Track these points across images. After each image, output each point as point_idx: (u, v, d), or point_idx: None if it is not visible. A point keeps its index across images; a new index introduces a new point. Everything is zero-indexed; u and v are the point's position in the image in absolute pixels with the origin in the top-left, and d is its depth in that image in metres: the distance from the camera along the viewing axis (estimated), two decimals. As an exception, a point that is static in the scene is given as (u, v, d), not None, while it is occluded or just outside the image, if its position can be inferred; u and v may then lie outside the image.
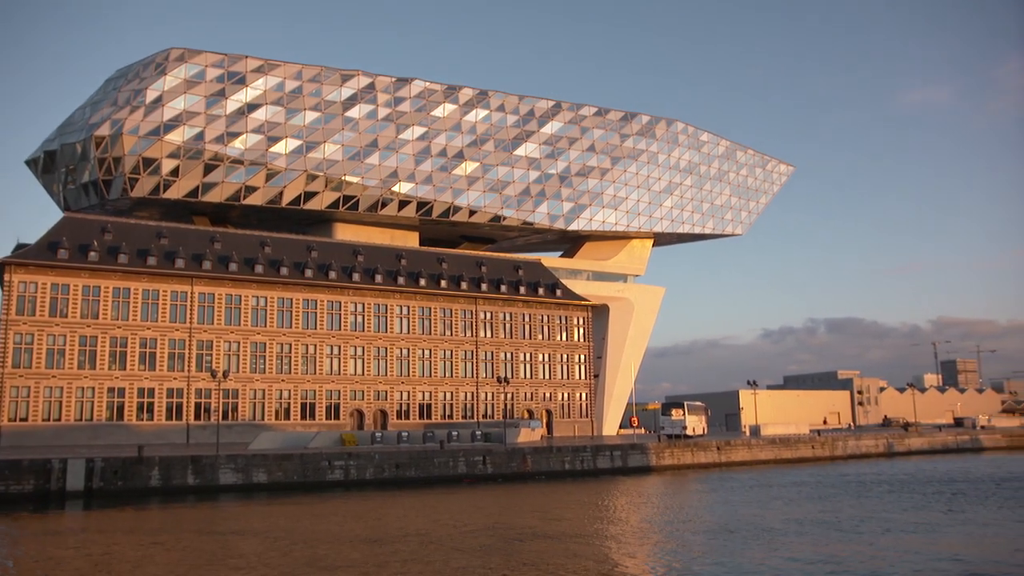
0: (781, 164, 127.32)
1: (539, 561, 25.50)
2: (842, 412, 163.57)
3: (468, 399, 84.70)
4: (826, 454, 79.59)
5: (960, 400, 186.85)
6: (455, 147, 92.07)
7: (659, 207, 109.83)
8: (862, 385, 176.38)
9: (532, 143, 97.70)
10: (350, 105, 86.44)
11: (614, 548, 29.11)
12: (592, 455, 63.18)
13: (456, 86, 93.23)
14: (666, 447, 68.35)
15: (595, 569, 24.60)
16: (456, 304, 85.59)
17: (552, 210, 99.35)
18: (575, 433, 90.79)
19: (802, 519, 35.45)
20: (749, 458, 73.00)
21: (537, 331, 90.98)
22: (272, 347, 74.51)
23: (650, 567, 25.42)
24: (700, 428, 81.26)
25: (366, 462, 54.34)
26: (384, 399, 79.56)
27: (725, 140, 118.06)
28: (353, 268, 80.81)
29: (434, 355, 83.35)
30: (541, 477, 58.96)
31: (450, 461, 57.36)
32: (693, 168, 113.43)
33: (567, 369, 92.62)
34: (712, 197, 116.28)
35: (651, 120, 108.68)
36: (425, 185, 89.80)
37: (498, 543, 29.45)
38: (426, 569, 24.44)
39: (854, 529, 32.54)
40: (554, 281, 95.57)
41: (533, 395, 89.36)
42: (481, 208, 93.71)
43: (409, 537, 30.88)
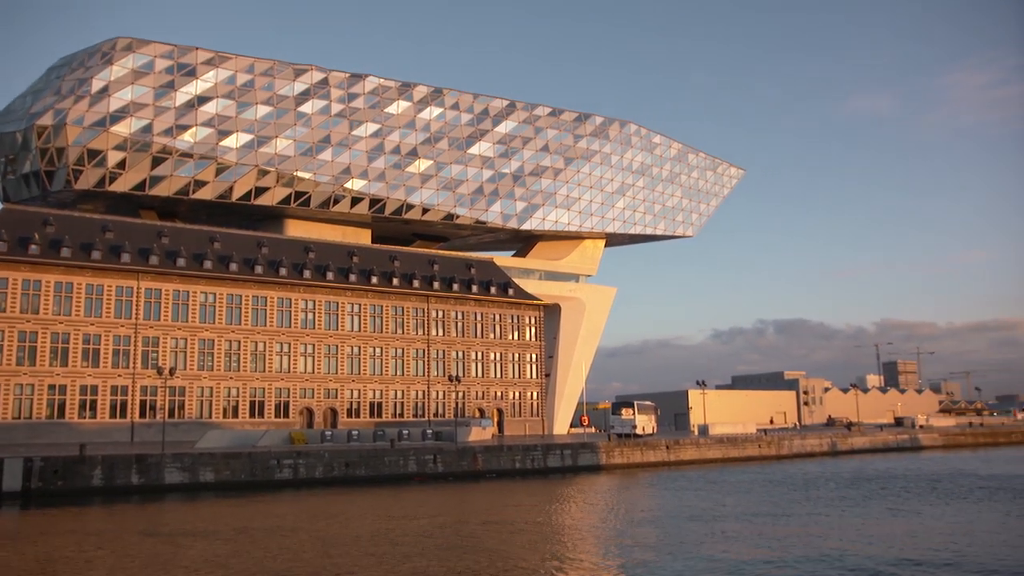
0: (732, 167, 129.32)
1: (491, 560, 25.61)
2: (788, 412, 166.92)
3: (419, 398, 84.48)
4: (772, 453, 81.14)
5: (901, 400, 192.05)
6: (409, 144, 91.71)
7: (611, 208, 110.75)
8: (808, 385, 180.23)
9: (486, 142, 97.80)
10: (303, 100, 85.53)
11: (565, 546, 29.35)
12: (543, 454, 63.52)
13: (410, 83, 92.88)
14: (616, 446, 69.01)
15: (547, 567, 24.78)
16: (408, 302, 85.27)
17: (505, 209, 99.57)
18: (526, 432, 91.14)
19: (749, 515, 36.12)
20: (698, 457, 74.08)
21: (489, 330, 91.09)
22: (220, 344, 73.39)
23: (600, 565, 25.69)
24: (650, 427, 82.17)
25: (315, 461, 53.92)
26: (334, 397, 78.94)
27: (677, 143, 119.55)
28: (304, 265, 79.97)
29: (385, 353, 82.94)
30: (492, 476, 59.09)
31: (400, 460, 57.21)
32: (645, 170, 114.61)
33: (518, 368, 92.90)
34: (664, 199, 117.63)
35: (605, 121, 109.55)
36: (378, 182, 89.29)
37: (450, 542, 29.50)
38: (380, 569, 24.37)
39: (799, 525, 33.25)
40: (506, 280, 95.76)
41: (484, 394, 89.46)
42: (434, 206, 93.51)
43: (362, 537, 30.75)
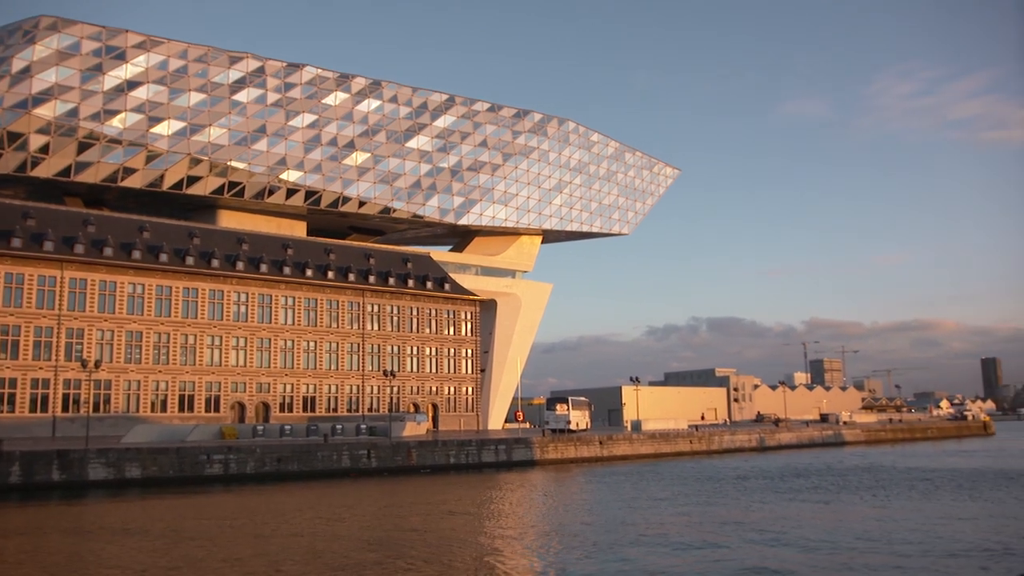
0: (667, 167, 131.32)
1: (424, 555, 25.65)
2: (719, 408, 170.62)
3: (353, 392, 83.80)
4: (703, 448, 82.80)
5: (826, 397, 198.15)
6: (346, 136, 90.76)
7: (548, 204, 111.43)
8: (738, 382, 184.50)
9: (424, 136, 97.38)
10: (238, 88, 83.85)
11: (498, 541, 29.56)
12: (477, 449, 63.67)
13: (349, 75, 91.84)
14: (550, 441, 69.52)
15: (480, 561, 24.95)
16: (343, 296, 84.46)
17: (443, 204, 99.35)
18: (461, 427, 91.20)
19: (679, 510, 36.87)
20: (630, 452, 75.15)
21: (425, 325, 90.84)
22: (149, 336, 71.56)
23: (535, 559, 25.96)
24: (584, 423, 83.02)
25: (247, 456, 53.08)
26: (267, 392, 77.76)
27: (615, 141, 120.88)
28: (237, 256, 78.51)
29: (319, 347, 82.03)
30: (426, 471, 59.01)
31: (334, 455, 56.69)
32: (583, 167, 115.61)
33: (454, 363, 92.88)
34: (600, 196, 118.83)
35: (543, 118, 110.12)
36: (314, 174, 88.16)
37: (385, 537, 29.42)
38: (316, 565, 24.20)
39: (730, 519, 34.08)
40: (443, 275, 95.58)
41: (419, 389, 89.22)
42: (371, 199, 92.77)
43: (298, 534, 30.45)
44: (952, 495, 42.11)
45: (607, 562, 24.36)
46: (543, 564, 25.05)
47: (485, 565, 24.71)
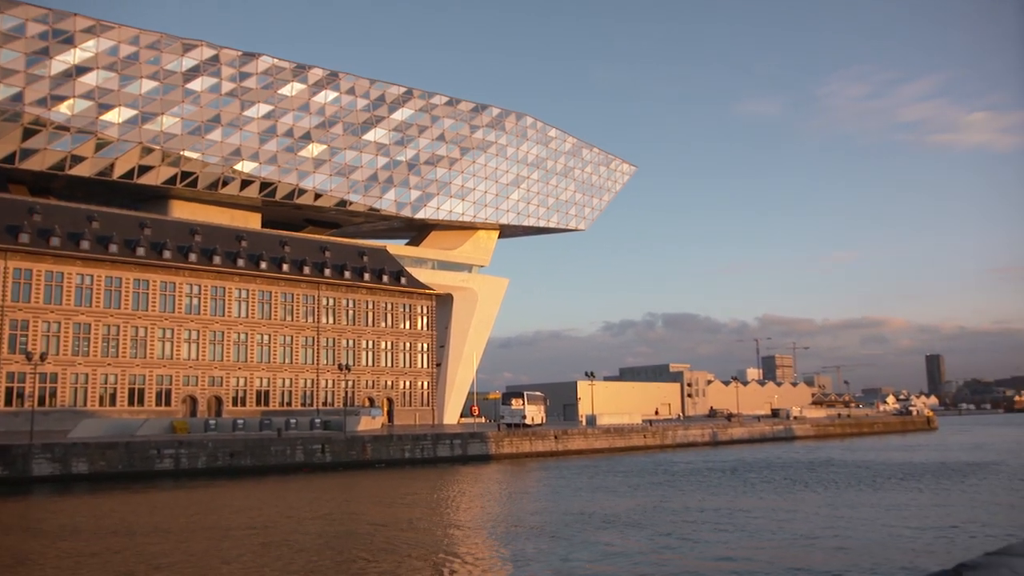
0: (624, 163, 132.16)
1: (378, 550, 25.56)
2: (673, 403, 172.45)
3: (308, 386, 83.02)
4: (657, 443, 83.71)
5: (777, 393, 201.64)
6: (302, 128, 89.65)
7: (506, 199, 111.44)
8: (692, 378, 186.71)
9: (382, 129, 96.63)
10: (192, 77, 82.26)
11: (456, 534, 29.58)
12: (433, 443, 63.59)
13: (305, 65, 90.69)
14: (505, 436, 69.71)
15: (438, 555, 24.93)
16: (298, 289, 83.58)
17: (399, 197, 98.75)
18: (416, 421, 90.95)
19: (632, 503, 37.24)
20: (585, 447, 75.67)
21: (380, 319, 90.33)
22: (98, 329, 70.02)
23: (489, 554, 26.03)
24: (539, 417, 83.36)
25: (199, 450, 52.33)
26: (219, 385, 76.65)
27: (572, 137, 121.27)
28: (190, 248, 77.18)
29: (273, 340, 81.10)
30: (381, 465, 58.78)
31: (287, 449, 56.17)
32: (540, 163, 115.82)
33: (410, 357, 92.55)
34: (557, 192, 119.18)
35: (501, 113, 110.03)
36: (269, 165, 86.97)
37: (338, 532, 29.24)
38: (273, 559, 23.96)
39: (683, 511, 34.54)
40: (399, 269, 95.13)
41: (375, 383, 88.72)
42: (327, 192, 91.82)
43: (254, 527, 30.11)
44: (897, 487, 43.17)
45: (563, 554, 24.52)
46: (500, 557, 25.13)
47: (443, 559, 24.71)
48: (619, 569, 22.45)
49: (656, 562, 23.48)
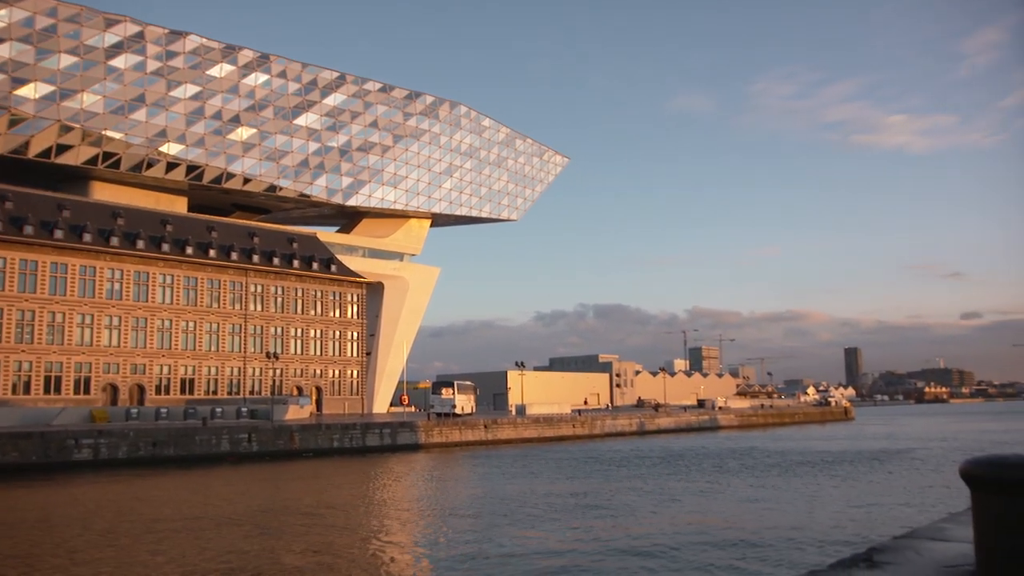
0: (557, 155, 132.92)
1: (306, 539, 25.37)
2: (602, 393, 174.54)
3: (235, 375, 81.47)
4: (585, 432, 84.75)
5: (703, 384, 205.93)
6: (231, 111, 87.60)
7: (438, 188, 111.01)
8: (620, 368, 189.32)
9: (313, 113, 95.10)
10: (115, 53, 79.48)
11: (380, 524, 29.54)
12: (362, 433, 63.20)
13: (235, 46, 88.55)
14: (435, 425, 69.72)
15: (368, 545, 24.88)
16: (225, 275, 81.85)
17: (331, 184, 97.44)
18: (345, 410, 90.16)
19: (560, 492, 37.72)
20: (515, 436, 76.17)
21: (310, 306, 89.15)
22: (11, 314, 67.32)
23: (421, 539, 26.09)
24: (469, 407, 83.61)
25: (119, 440, 50.95)
26: (142, 373, 74.62)
27: (506, 127, 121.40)
28: (112, 231, 74.79)
29: (199, 328, 79.29)
30: (309, 455, 58.19)
31: (213, 439, 55.13)
32: (473, 152, 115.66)
33: (339, 346, 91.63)
34: (490, 182, 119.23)
35: (435, 101, 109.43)
36: (196, 148, 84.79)
37: (266, 522, 28.89)
38: (197, 552, 23.55)
39: (609, 498, 35.15)
40: (329, 256, 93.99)
41: (303, 372, 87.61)
42: (256, 176, 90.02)
43: (179, 519, 29.51)
44: (815, 474, 44.68)
45: (491, 542, 24.74)
46: (426, 544, 25.22)
47: (373, 549, 24.66)
48: (542, 555, 22.77)
49: (582, 547, 23.88)
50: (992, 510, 5.12)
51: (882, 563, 5.74)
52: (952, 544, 6.48)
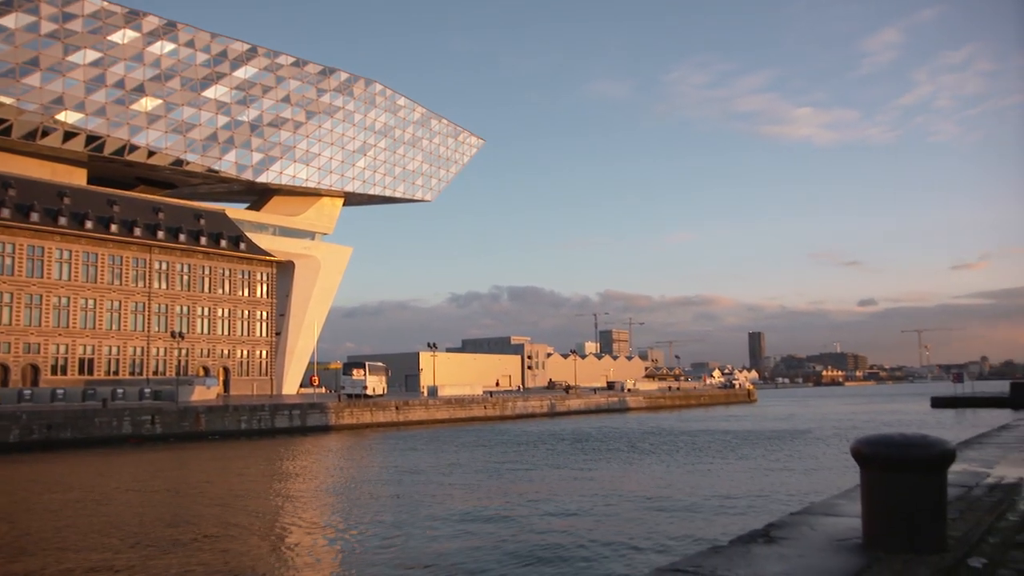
0: (472, 136, 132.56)
1: (210, 523, 24.87)
2: (513, 375, 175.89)
3: (137, 354, 78.78)
4: (497, 414, 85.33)
5: (613, 366, 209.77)
6: (135, 80, 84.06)
7: (352, 167, 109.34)
8: (532, 350, 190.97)
9: (223, 86, 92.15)
10: (4, 12, 74.97)
11: (287, 505, 29.17)
12: (270, 414, 62.13)
13: (139, 12, 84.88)
14: (346, 406, 69.11)
15: (277, 531, 24.55)
16: (128, 251, 78.89)
17: (240, 159, 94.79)
18: (254, 392, 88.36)
19: (471, 474, 37.97)
20: (426, 417, 76.13)
21: (217, 285, 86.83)
22: None
23: (323, 521, 25.88)
24: (380, 388, 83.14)
25: (10, 423, 48.69)
26: (36, 352, 71.37)
27: (421, 107, 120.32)
28: (2, 203, 71.05)
29: (99, 305, 76.28)
30: (215, 437, 56.91)
31: (114, 421, 53.30)
32: (388, 131, 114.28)
33: (248, 326, 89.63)
34: (405, 162, 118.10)
35: (350, 78, 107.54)
36: (97, 117, 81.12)
37: (168, 505, 28.17)
38: (96, 537, 22.78)
39: (518, 479, 35.55)
40: (238, 234, 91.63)
41: (210, 352, 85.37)
42: (162, 150, 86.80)
43: (75, 504, 28.45)
44: (718, 454, 46.20)
45: (402, 524, 24.75)
46: (334, 525, 25.05)
47: (277, 529, 24.36)
48: (455, 536, 22.93)
49: (492, 527, 24.14)
50: (878, 486, 5.45)
51: (779, 538, 6.03)
52: (843, 519, 6.86)
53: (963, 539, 5.83)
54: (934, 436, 5.42)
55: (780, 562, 5.24)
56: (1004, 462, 11.90)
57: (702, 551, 5.57)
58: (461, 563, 19.23)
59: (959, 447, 14.54)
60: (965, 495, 8.34)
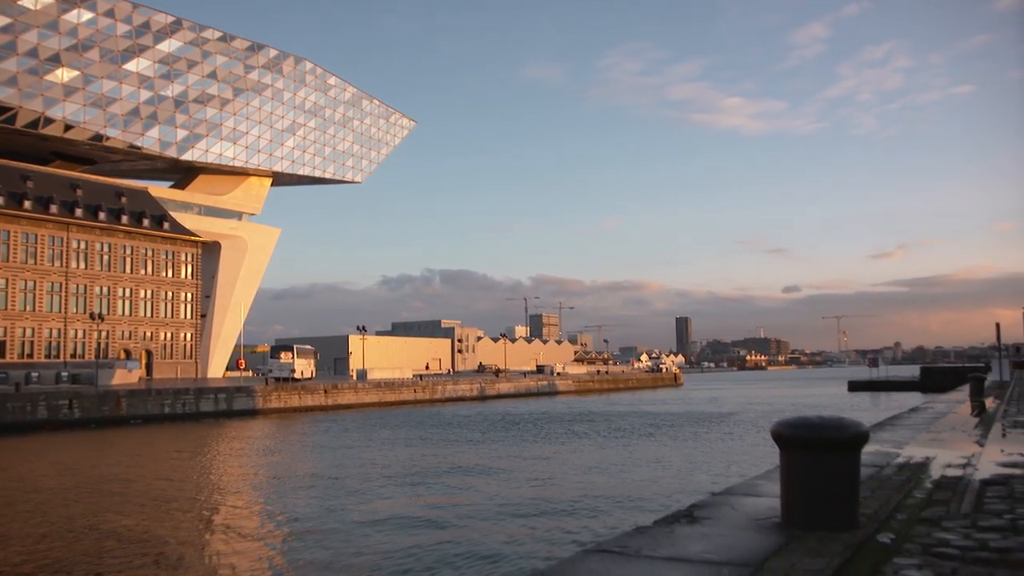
0: (404, 118, 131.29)
1: (130, 510, 24.29)
2: (444, 359, 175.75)
3: (54, 337, 76.02)
4: (427, 397, 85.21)
5: (543, 350, 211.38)
6: (50, 49, 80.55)
7: (280, 146, 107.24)
8: (462, 334, 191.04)
9: (145, 59, 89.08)
10: (-90, -22, 71.18)
11: (211, 491, 28.68)
12: (195, 398, 60.86)
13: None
14: (273, 390, 68.16)
15: (191, 515, 24.11)
16: (43, 229, 75.90)
17: (164, 136, 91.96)
18: (178, 375, 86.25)
19: (400, 458, 37.89)
20: (356, 401, 75.57)
21: (140, 265, 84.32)
22: None
23: (248, 506, 25.52)
24: (309, 371, 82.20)
25: (-83, 407, 46.59)
26: (-57, 333, 68.31)
27: (352, 87, 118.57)
28: (-94, 177, 67.60)
29: (12, 286, 73.27)
30: (137, 421, 55.49)
31: (28, 405, 51.48)
32: (318, 111, 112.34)
33: (172, 307, 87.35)
34: (335, 142, 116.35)
35: (279, 55, 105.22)
36: (8, 87, 77.50)
37: (86, 492, 27.38)
38: (7, 526, 22.01)
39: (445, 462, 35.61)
40: (162, 213, 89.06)
41: (132, 334, 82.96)
42: (79, 123, 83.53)
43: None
44: (645, 437, 47.07)
45: (328, 507, 24.58)
46: (260, 511, 24.73)
47: (201, 516, 23.93)
48: (382, 519, 22.88)
49: (422, 508, 24.17)
50: (796, 466, 5.65)
51: (701, 518, 6.20)
52: (763, 499, 7.08)
53: (874, 516, 6.09)
54: (850, 419, 5.64)
55: (702, 541, 5.39)
56: (913, 443, 12.44)
57: (627, 532, 5.69)
58: (390, 551, 19.22)
59: (873, 429, 15.14)
60: (877, 474, 8.70)
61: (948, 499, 7.03)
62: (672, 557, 4.95)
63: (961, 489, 7.57)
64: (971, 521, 6.02)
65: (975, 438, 12.98)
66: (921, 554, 4.99)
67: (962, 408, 21.67)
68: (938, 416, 19.17)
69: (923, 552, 5.04)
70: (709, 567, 4.71)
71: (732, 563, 4.76)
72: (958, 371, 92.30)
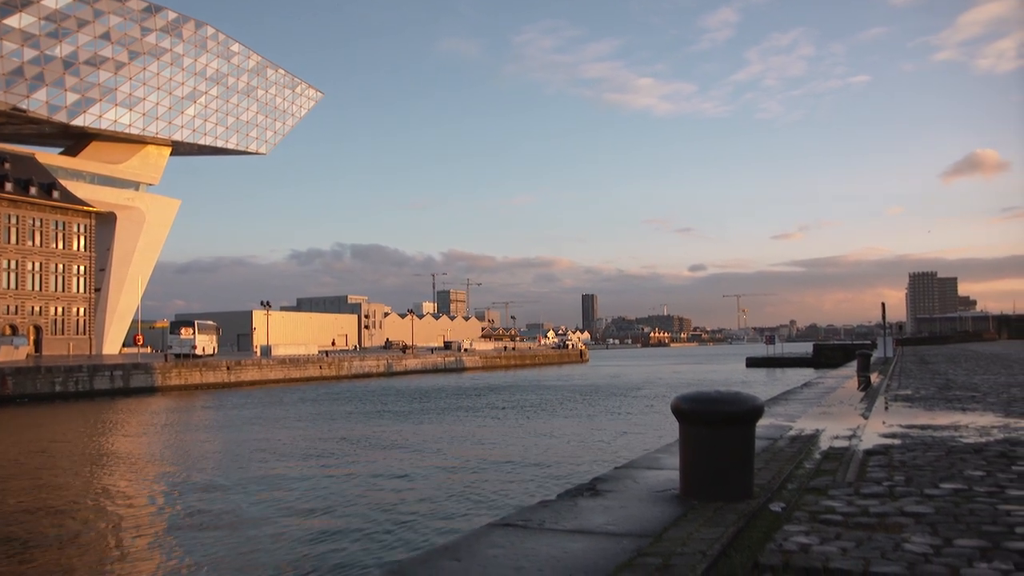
0: (310, 88, 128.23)
1: (16, 495, 23.28)
2: (350, 334, 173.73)
3: (-70, 310, 71.66)
4: (333, 373, 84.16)
5: (450, 326, 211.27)
6: (-75, 4, 75.24)
7: (180, 114, 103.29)
8: (369, 310, 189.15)
9: (29, 15, 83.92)
10: None
11: (103, 473, 27.72)
12: (89, 375, 58.48)
13: (-69, -71, 75.78)
14: (173, 367, 66.16)
15: (83, 502, 23.28)
16: (-82, 196, 71.24)
17: (52, 99, 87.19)
18: (70, 352, 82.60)
19: (299, 433, 37.41)
20: (259, 378, 74.04)
21: (27, 236, 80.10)
22: None
23: (142, 487, 24.81)
24: (210, 348, 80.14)
25: None
26: None
27: (256, 55, 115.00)
28: None
29: None
30: (25, 400, 52.99)
31: (-97, 383, 48.45)
32: (220, 78, 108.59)
33: (63, 281, 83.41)
34: (238, 112, 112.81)
35: (178, 18, 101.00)
36: None
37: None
38: None
39: (349, 437, 35.36)
40: (51, 180, 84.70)
41: (19, 309, 78.88)
42: (-42, 84, 78.43)
43: None
44: (551, 412, 47.77)
45: (230, 487, 24.10)
46: (155, 492, 24.08)
47: (93, 502, 23.11)
48: (288, 498, 22.60)
49: (325, 487, 23.96)
50: (694, 439, 5.85)
51: (604, 491, 6.36)
52: (663, 472, 7.31)
53: (767, 486, 6.37)
54: (745, 393, 5.87)
55: (604, 513, 5.53)
56: (804, 416, 13.03)
57: (531, 505, 5.79)
58: (297, 533, 19.02)
59: (767, 403, 15.77)
60: (770, 447, 9.09)
61: (835, 469, 7.42)
62: (575, 530, 5.07)
63: (846, 459, 7.99)
64: (854, 489, 6.38)
65: (860, 411, 13.70)
66: (809, 521, 5.26)
67: (850, 383, 22.79)
68: (828, 391, 20.13)
69: (811, 519, 5.31)
70: (610, 538, 4.85)
71: (632, 534, 4.91)
72: (847, 348, 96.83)
